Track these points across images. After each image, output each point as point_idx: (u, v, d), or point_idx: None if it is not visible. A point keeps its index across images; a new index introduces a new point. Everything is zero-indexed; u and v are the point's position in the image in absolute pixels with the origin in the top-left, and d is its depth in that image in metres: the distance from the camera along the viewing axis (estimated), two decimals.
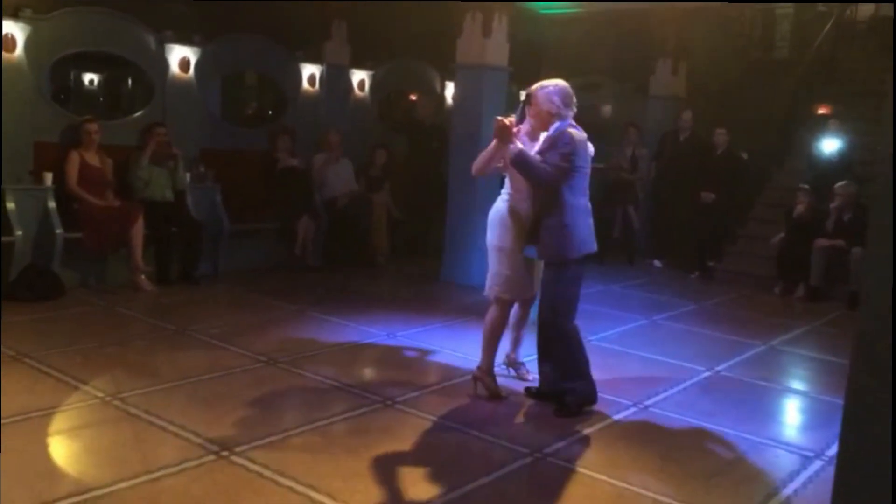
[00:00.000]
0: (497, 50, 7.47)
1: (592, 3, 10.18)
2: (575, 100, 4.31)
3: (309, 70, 8.72)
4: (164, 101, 7.53)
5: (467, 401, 4.46)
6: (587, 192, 4.32)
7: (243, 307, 6.36)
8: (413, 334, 5.77)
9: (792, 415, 4.86)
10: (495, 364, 4.59)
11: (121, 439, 3.67)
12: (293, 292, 6.97)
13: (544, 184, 4.20)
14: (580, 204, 4.26)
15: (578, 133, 4.23)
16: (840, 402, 4.71)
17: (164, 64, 7.49)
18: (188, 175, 7.33)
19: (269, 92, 9.11)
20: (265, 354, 5.04)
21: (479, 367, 4.53)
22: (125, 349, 5.08)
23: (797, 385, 5.40)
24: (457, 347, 5.45)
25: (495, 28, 7.36)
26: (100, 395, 4.17)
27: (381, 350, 5.40)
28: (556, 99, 4.24)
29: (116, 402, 4.07)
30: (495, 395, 4.48)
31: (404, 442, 3.80)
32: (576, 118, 4.35)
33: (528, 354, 4.86)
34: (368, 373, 4.96)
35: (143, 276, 6.63)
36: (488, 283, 4.51)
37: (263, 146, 8.16)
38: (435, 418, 4.12)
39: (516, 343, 4.87)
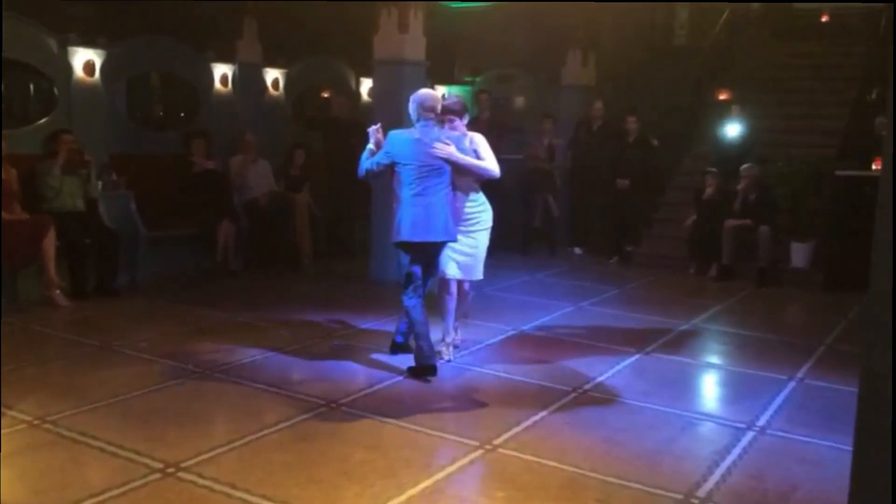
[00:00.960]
0: (414, 45, 7.47)
1: None
2: (432, 104, 4.80)
3: (221, 70, 8.51)
4: (68, 106, 7.20)
5: (412, 398, 4.47)
6: (413, 184, 4.73)
7: (169, 317, 6.16)
8: (349, 335, 5.74)
9: (720, 389, 5.09)
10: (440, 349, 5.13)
11: (57, 464, 3.50)
12: (219, 299, 6.81)
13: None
14: (403, 195, 4.81)
15: (403, 133, 4.81)
16: (760, 373, 4.99)
17: (68, 68, 7.15)
18: (99, 183, 7.04)
19: (180, 93, 8.84)
20: (199, 365, 4.91)
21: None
22: (47, 369, 4.86)
23: (720, 361, 5.65)
24: None
25: (412, 23, 7.36)
26: (27, 418, 3.97)
27: (318, 353, 5.33)
28: (409, 108, 4.84)
29: (47, 426, 3.89)
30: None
31: (354, 444, 3.79)
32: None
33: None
34: (309, 377, 4.88)
35: (57, 291, 6.33)
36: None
37: (177, 149, 7.91)
38: (381, 417, 4.12)
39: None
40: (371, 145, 4.92)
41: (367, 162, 4.92)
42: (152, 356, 5.08)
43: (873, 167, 7.94)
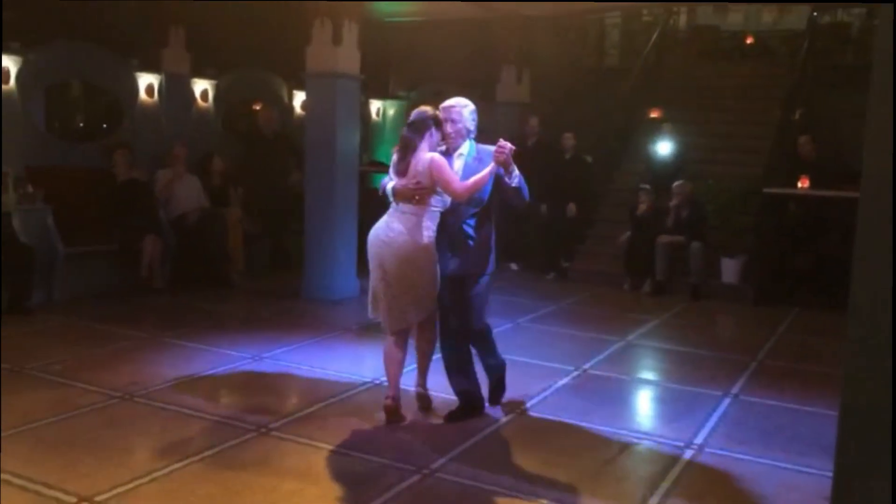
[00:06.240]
0: (349, 57, 7.32)
1: (437, 12, 10.29)
2: None
3: (146, 80, 8.18)
4: None
5: (345, 421, 4.29)
6: None
7: (87, 338, 5.82)
8: (279, 354, 5.51)
9: (657, 407, 5.06)
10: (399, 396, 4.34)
11: None
12: (142, 318, 6.50)
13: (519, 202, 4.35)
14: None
15: None
16: (696, 390, 4.98)
17: None
18: (14, 196, 6.65)
19: (102, 103, 8.45)
20: (118, 389, 4.62)
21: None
22: None
23: (656, 377, 5.65)
24: (326, 365, 5.27)
25: (346, 36, 7.21)
26: None
27: (247, 374, 5.11)
28: (475, 117, 4.26)
29: None
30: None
31: (285, 472, 3.59)
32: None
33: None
34: (237, 400, 4.66)
35: None
36: (420, 310, 4.24)
37: (98, 162, 7.56)
38: (314, 442, 3.93)
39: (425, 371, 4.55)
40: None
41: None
42: (67, 380, 4.77)
43: (798, 185, 8.16)
